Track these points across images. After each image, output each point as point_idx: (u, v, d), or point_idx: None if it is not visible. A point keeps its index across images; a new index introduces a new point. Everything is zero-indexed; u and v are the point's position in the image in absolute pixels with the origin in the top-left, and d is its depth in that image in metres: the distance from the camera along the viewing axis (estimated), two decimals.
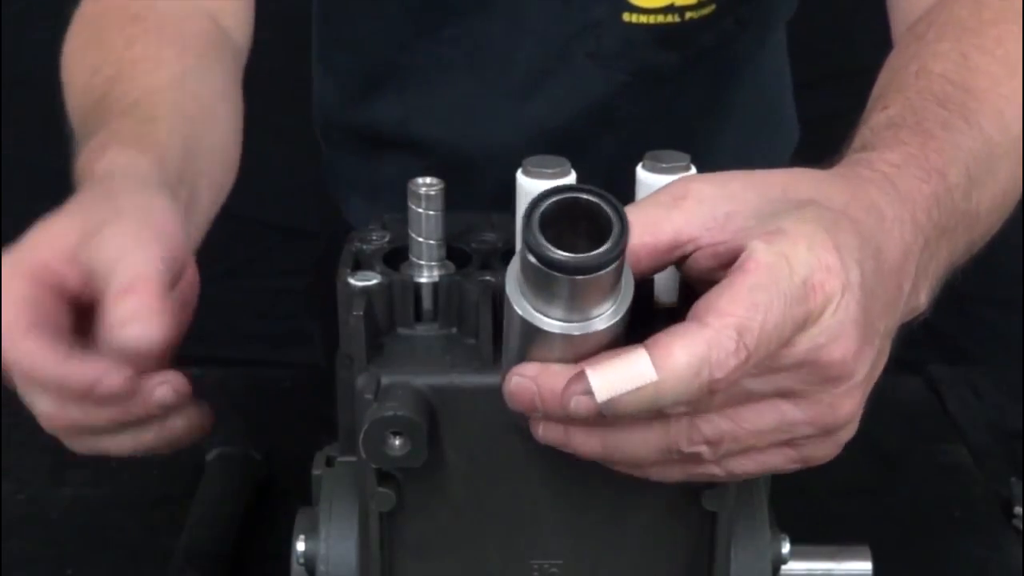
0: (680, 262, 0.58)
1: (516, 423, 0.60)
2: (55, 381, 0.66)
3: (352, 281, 0.64)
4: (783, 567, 0.68)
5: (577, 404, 0.54)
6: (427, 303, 0.65)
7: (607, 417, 0.54)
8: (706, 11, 0.98)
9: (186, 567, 0.82)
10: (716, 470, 0.58)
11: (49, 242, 0.68)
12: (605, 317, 0.55)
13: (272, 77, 1.22)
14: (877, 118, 0.70)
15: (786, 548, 0.68)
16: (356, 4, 1.06)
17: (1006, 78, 0.75)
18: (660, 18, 0.98)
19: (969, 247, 0.70)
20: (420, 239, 0.64)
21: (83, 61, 0.91)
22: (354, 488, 0.66)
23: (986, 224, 0.72)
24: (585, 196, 0.53)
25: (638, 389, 0.53)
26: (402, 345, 0.64)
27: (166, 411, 0.68)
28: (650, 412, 0.55)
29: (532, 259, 0.53)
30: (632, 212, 0.54)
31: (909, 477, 0.96)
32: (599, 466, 0.63)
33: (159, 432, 0.69)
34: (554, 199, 0.54)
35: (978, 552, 0.89)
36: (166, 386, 0.67)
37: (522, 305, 0.55)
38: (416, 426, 0.60)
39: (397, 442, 0.60)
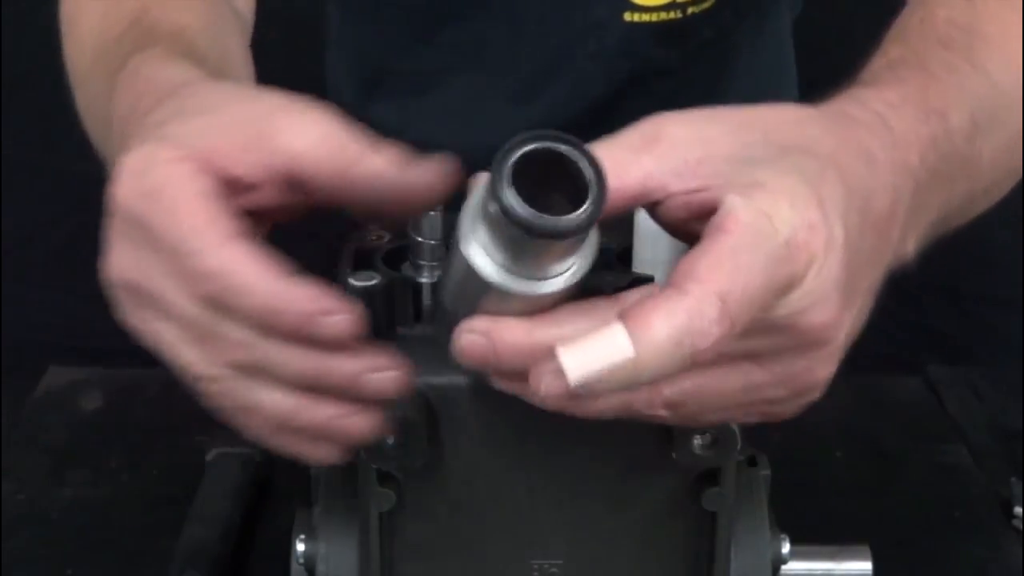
0: (652, 209, 0.55)
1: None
2: (266, 306, 0.53)
3: (352, 281, 0.64)
4: (783, 567, 0.68)
5: (548, 387, 0.50)
6: (427, 303, 0.65)
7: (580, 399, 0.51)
8: (706, 4, 0.98)
9: (186, 567, 0.82)
10: (674, 421, 0.55)
11: (212, 132, 0.56)
12: (568, 276, 0.52)
13: (275, 78, 1.22)
14: (877, 63, 0.67)
15: (786, 548, 0.68)
16: (357, 7, 1.06)
17: (1016, 25, 0.70)
18: (662, 15, 0.98)
19: (970, 198, 0.66)
20: (420, 239, 0.64)
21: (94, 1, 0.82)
22: (354, 488, 0.66)
23: (990, 177, 0.67)
24: (563, 148, 0.50)
25: (614, 367, 0.49)
26: (402, 345, 0.64)
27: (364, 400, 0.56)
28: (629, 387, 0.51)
29: (499, 214, 0.49)
30: (599, 151, 0.51)
31: (909, 477, 0.96)
32: (599, 466, 0.63)
33: (338, 421, 0.56)
34: (529, 148, 0.50)
35: (978, 552, 0.89)
36: (392, 375, 0.55)
37: (477, 254, 0.52)
38: (416, 426, 0.60)
39: (397, 442, 0.60)
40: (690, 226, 0.53)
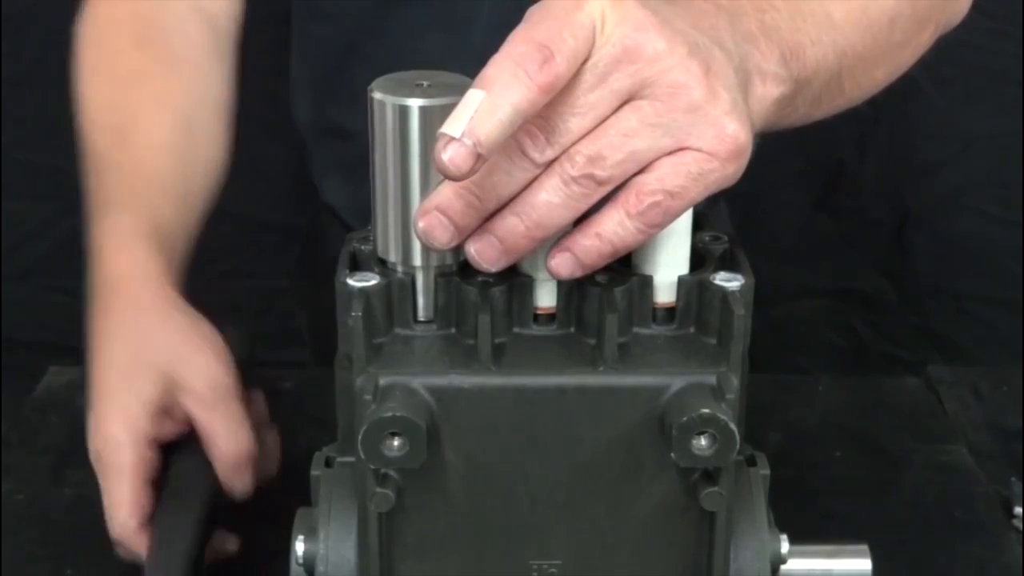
0: None
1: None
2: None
3: (350, 282, 0.64)
4: (782, 567, 0.68)
5: (453, 154, 0.57)
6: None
7: (484, 156, 0.57)
8: None
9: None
10: (631, 203, 0.60)
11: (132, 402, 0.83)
12: None
13: (270, 79, 1.22)
14: None
15: (785, 548, 0.68)
16: None
17: None
18: None
19: (835, 50, 0.72)
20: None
21: (97, 90, 0.99)
22: (353, 488, 0.66)
23: (847, 33, 0.73)
24: None
25: (477, 108, 0.57)
26: (401, 346, 0.64)
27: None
28: (510, 127, 0.57)
29: None
30: None
31: (909, 477, 0.96)
32: (599, 466, 0.63)
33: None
34: None
35: (978, 552, 0.89)
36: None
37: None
38: (415, 427, 0.60)
39: (396, 443, 0.60)
40: None
